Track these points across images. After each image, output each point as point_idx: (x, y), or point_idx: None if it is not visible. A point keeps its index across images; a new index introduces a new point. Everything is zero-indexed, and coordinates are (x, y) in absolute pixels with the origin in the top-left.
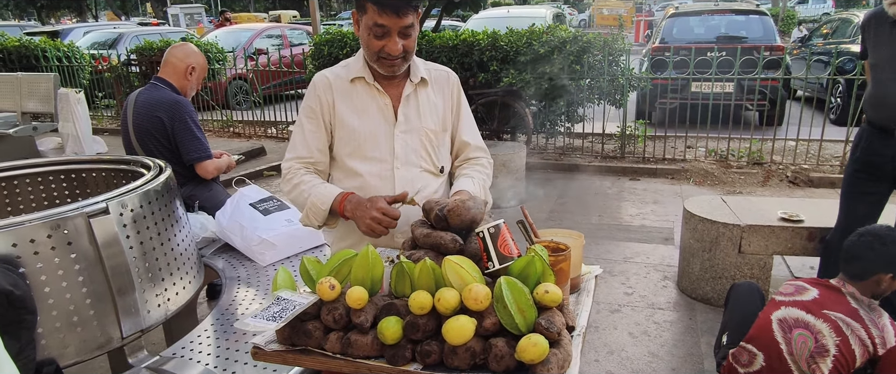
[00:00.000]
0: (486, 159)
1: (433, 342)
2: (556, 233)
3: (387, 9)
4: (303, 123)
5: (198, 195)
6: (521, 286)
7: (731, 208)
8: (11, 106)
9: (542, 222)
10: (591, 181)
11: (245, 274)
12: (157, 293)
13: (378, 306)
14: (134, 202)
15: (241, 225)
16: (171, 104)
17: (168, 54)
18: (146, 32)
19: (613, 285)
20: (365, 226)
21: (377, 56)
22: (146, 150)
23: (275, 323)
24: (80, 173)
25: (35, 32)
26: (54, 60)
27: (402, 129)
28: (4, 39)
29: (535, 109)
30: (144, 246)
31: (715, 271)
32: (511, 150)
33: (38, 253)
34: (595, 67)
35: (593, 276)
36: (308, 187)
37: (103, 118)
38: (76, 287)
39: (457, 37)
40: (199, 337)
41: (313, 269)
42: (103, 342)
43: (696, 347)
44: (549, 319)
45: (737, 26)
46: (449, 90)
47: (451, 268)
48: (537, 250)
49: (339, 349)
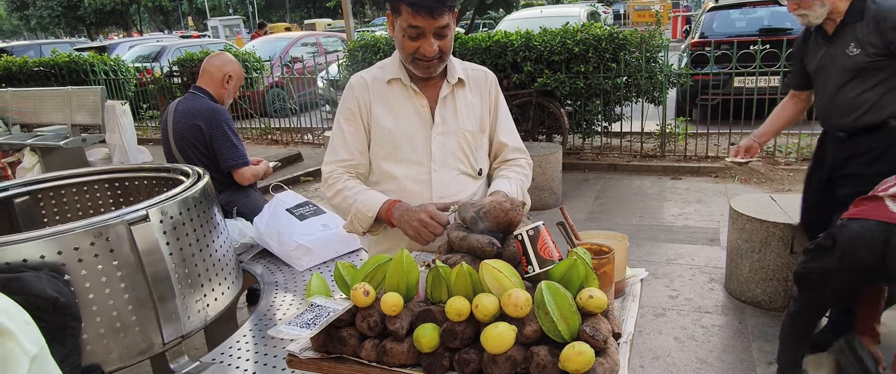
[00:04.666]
0: (525, 161)
1: (471, 350)
2: (597, 235)
3: (421, 10)
4: (342, 125)
5: (236, 201)
6: (563, 291)
7: (782, 207)
8: (62, 119)
9: (582, 224)
10: (630, 181)
11: (282, 279)
12: (196, 299)
13: (414, 312)
14: (173, 210)
15: (278, 230)
16: (208, 112)
17: (205, 64)
18: (188, 45)
19: (657, 287)
20: (412, 230)
21: (412, 57)
22: (186, 157)
23: (308, 330)
24: (123, 182)
25: (84, 48)
26: (101, 74)
27: (439, 131)
28: (56, 56)
29: (570, 108)
30: (184, 252)
31: (766, 272)
32: (546, 150)
33: (82, 260)
34: (632, 65)
35: (639, 279)
36: (353, 193)
37: (148, 129)
38: (119, 294)
39: (490, 38)
40: (238, 343)
41: (348, 274)
42: (145, 347)
43: (746, 352)
44: (595, 326)
45: (781, 18)
46: (487, 90)
47: (488, 272)
48: (579, 252)
49: (375, 357)
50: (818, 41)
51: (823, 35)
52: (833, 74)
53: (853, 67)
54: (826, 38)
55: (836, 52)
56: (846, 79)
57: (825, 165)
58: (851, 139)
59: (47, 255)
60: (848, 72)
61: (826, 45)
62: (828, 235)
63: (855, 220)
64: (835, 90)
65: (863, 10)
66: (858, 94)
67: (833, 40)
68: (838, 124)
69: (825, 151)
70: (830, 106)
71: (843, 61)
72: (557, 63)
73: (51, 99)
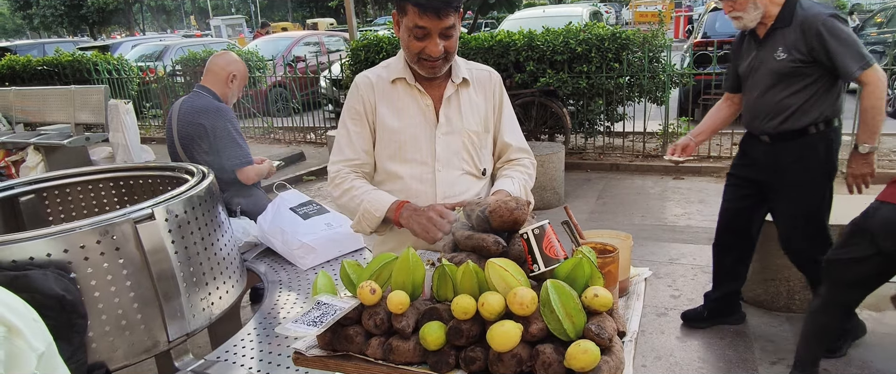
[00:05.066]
0: (529, 161)
1: (477, 348)
2: (601, 234)
3: (428, 11)
4: (347, 124)
5: (240, 200)
6: (568, 290)
7: None
8: (66, 118)
9: (584, 224)
10: (632, 181)
11: (286, 278)
12: (201, 297)
13: (420, 310)
14: (178, 208)
15: (281, 229)
16: (212, 111)
17: (210, 63)
18: (190, 44)
19: (659, 287)
20: (420, 227)
21: (418, 57)
22: (190, 156)
23: (315, 328)
24: (127, 181)
25: (87, 47)
26: (105, 73)
27: (443, 130)
28: (59, 55)
29: (573, 108)
30: (189, 251)
31: (767, 272)
32: (549, 150)
33: (88, 259)
34: (634, 65)
35: (643, 278)
36: (360, 192)
37: (151, 128)
38: (124, 292)
39: (492, 38)
40: (243, 341)
41: (354, 273)
42: (150, 345)
43: (748, 351)
44: (600, 324)
45: None
46: (491, 90)
47: (494, 271)
48: (584, 251)
49: (381, 355)
50: (750, 44)
51: (755, 39)
52: (760, 78)
53: (779, 71)
54: (757, 42)
55: (765, 56)
56: (772, 83)
57: (751, 168)
58: (774, 144)
59: (54, 253)
60: (774, 76)
61: (757, 49)
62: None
63: (885, 204)
64: (761, 93)
65: (792, 16)
66: (783, 98)
67: (763, 44)
68: (762, 128)
69: (748, 154)
70: (756, 109)
71: (770, 65)
72: (560, 63)
73: (54, 98)
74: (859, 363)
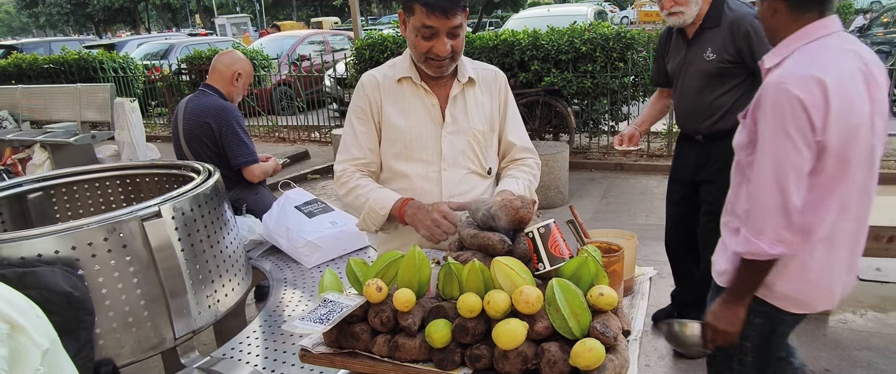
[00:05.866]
0: (534, 160)
1: (483, 346)
2: (606, 233)
3: (435, 10)
4: (353, 123)
5: (245, 198)
6: (574, 289)
7: None
8: (71, 116)
9: (588, 223)
10: (636, 181)
11: (291, 276)
12: (207, 295)
13: (425, 308)
14: (185, 206)
15: (286, 227)
16: (218, 110)
17: (215, 61)
18: (195, 43)
19: (662, 287)
20: (424, 228)
21: (425, 57)
22: (196, 154)
23: (322, 325)
24: (134, 179)
25: (93, 46)
26: (111, 71)
27: (449, 130)
28: (65, 53)
29: (577, 107)
30: (195, 248)
31: None
32: (553, 149)
33: (96, 256)
34: (639, 64)
35: (647, 278)
36: (365, 191)
37: (156, 126)
38: (131, 289)
39: (497, 37)
40: (248, 338)
41: (360, 271)
42: (157, 342)
43: None
44: (605, 323)
45: None
46: (497, 89)
47: (500, 269)
48: (590, 250)
49: (387, 352)
50: (679, 43)
51: (684, 37)
52: (690, 78)
53: (709, 71)
54: (686, 41)
55: (694, 56)
56: (703, 83)
57: (687, 169)
58: (707, 144)
59: (61, 250)
60: (704, 76)
61: (686, 48)
62: None
63: None
64: (693, 94)
65: (720, 17)
66: (714, 99)
67: (692, 44)
68: (696, 128)
69: (682, 156)
70: (688, 110)
71: (700, 65)
72: (564, 62)
73: (60, 96)
74: (865, 364)
